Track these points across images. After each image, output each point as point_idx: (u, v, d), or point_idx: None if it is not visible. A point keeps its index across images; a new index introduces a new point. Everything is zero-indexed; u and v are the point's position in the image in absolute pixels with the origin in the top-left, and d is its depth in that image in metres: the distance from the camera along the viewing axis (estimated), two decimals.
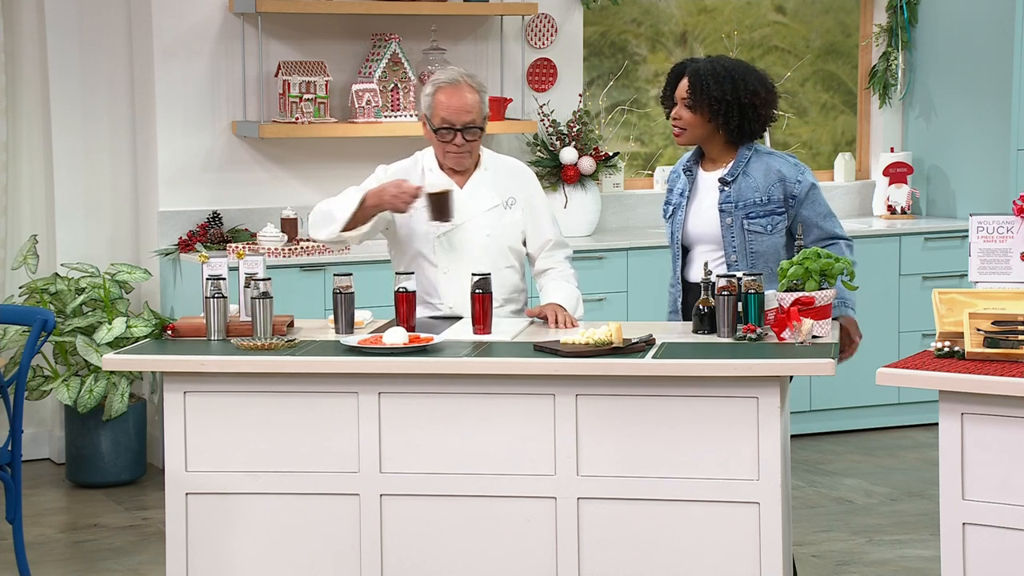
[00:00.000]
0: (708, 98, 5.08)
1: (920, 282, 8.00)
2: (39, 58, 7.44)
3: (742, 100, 5.09)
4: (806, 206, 5.10)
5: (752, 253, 5.08)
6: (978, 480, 4.13)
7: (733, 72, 5.11)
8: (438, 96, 5.09)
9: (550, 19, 7.91)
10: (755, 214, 5.09)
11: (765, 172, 5.10)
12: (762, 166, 5.11)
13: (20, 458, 5.45)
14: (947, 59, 8.38)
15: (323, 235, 5.11)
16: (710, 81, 5.09)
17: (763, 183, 5.09)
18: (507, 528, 4.55)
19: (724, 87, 5.08)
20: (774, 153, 5.17)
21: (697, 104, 5.10)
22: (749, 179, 5.11)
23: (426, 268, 5.17)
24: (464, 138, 5.09)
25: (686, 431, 4.46)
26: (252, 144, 7.45)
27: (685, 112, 5.12)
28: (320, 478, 4.61)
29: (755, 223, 5.09)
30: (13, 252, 7.39)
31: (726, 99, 5.08)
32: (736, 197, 5.10)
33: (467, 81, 5.11)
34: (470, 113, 5.07)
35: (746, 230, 5.09)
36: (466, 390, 4.54)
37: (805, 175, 5.12)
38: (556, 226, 5.30)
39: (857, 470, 7.33)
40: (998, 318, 4.23)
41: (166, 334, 4.91)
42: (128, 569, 6.03)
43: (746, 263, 5.08)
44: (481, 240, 5.15)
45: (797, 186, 5.09)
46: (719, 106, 5.08)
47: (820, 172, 8.75)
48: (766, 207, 5.09)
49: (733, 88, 5.08)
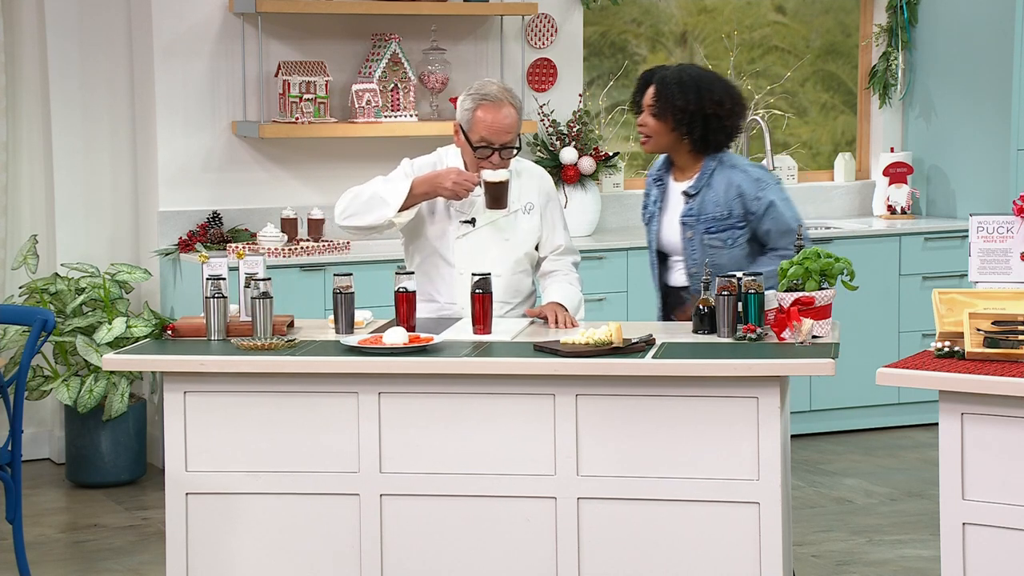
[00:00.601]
0: (672, 107, 5.07)
1: (920, 282, 8.00)
2: (39, 58, 7.44)
3: (706, 110, 5.08)
4: (765, 222, 5.11)
5: (713, 265, 5.10)
6: (978, 480, 4.13)
7: (699, 82, 5.10)
8: (479, 112, 5.08)
9: (550, 19, 7.91)
10: (715, 228, 5.10)
11: (726, 186, 5.10)
12: (724, 180, 5.11)
13: (20, 458, 5.45)
14: (947, 59, 8.38)
15: (368, 220, 5.09)
16: (675, 90, 5.07)
17: (724, 198, 5.10)
18: (507, 528, 4.55)
19: (688, 96, 5.07)
20: (737, 166, 5.14)
21: (662, 112, 5.09)
22: (711, 192, 5.11)
23: (441, 267, 5.18)
24: (500, 157, 5.10)
25: (686, 431, 4.46)
26: (252, 144, 7.45)
27: (651, 120, 5.12)
28: (320, 478, 4.61)
29: (714, 237, 5.10)
30: (13, 252, 7.39)
31: (690, 109, 5.07)
32: (698, 210, 5.11)
33: (508, 99, 5.10)
34: (509, 133, 5.08)
35: (705, 244, 5.10)
36: (466, 390, 4.54)
37: (765, 191, 5.09)
38: (568, 232, 5.33)
39: (857, 470, 7.33)
40: (998, 318, 4.23)
41: (166, 334, 4.91)
42: (128, 569, 6.03)
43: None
44: (500, 244, 5.17)
45: (755, 203, 5.09)
46: (683, 116, 5.07)
47: (820, 172, 8.76)
48: (726, 221, 5.09)
49: (698, 98, 5.07)
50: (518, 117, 5.12)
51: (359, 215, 5.11)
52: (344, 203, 5.14)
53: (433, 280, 5.18)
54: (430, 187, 5.05)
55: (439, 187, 5.03)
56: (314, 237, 7.22)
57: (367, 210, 5.09)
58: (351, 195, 5.14)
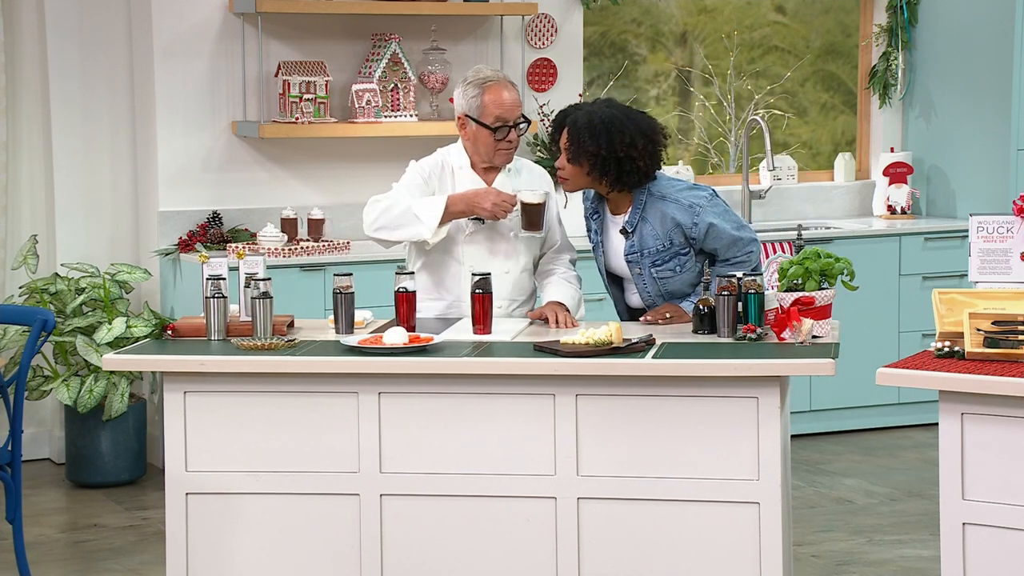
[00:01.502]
0: (585, 152, 5.02)
1: (920, 282, 8.00)
2: (39, 58, 7.44)
3: (619, 154, 5.01)
4: (708, 242, 5.08)
5: (667, 293, 5.11)
6: (978, 480, 4.13)
7: (610, 125, 5.01)
8: (487, 96, 5.10)
9: (550, 19, 7.91)
10: (661, 260, 5.09)
11: (661, 219, 5.07)
12: (658, 212, 5.08)
13: (20, 458, 5.45)
14: (947, 59, 8.38)
15: (400, 235, 5.07)
16: (585, 135, 5.01)
17: (661, 230, 5.07)
18: (507, 528, 4.55)
19: (599, 141, 5.00)
20: (667, 197, 5.07)
21: (575, 157, 5.05)
22: (648, 226, 5.09)
23: (450, 265, 5.18)
24: (517, 133, 5.15)
25: (686, 431, 4.46)
26: (252, 144, 7.45)
27: (566, 164, 5.08)
28: (320, 478, 4.61)
29: (663, 268, 5.10)
30: (13, 252, 7.39)
31: (602, 154, 5.00)
32: (640, 246, 5.10)
33: (506, 79, 5.17)
34: (519, 107, 5.15)
35: (656, 277, 5.10)
36: (466, 390, 4.54)
37: (701, 216, 5.04)
38: (563, 229, 5.33)
39: (857, 470, 7.33)
40: (998, 318, 4.23)
41: (166, 334, 4.91)
42: (128, 569, 6.03)
43: (663, 300, 5.11)
44: (507, 241, 5.17)
45: (694, 229, 5.06)
46: (595, 160, 5.02)
47: (820, 172, 8.76)
48: (669, 251, 5.09)
49: (608, 143, 4.99)
50: (519, 94, 5.20)
51: (390, 229, 5.07)
52: (374, 214, 5.08)
53: (442, 278, 5.18)
54: (467, 206, 5.04)
55: (477, 207, 5.03)
56: (314, 237, 7.22)
57: (399, 224, 5.06)
58: (380, 207, 5.08)
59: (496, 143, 5.12)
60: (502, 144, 5.13)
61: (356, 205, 7.47)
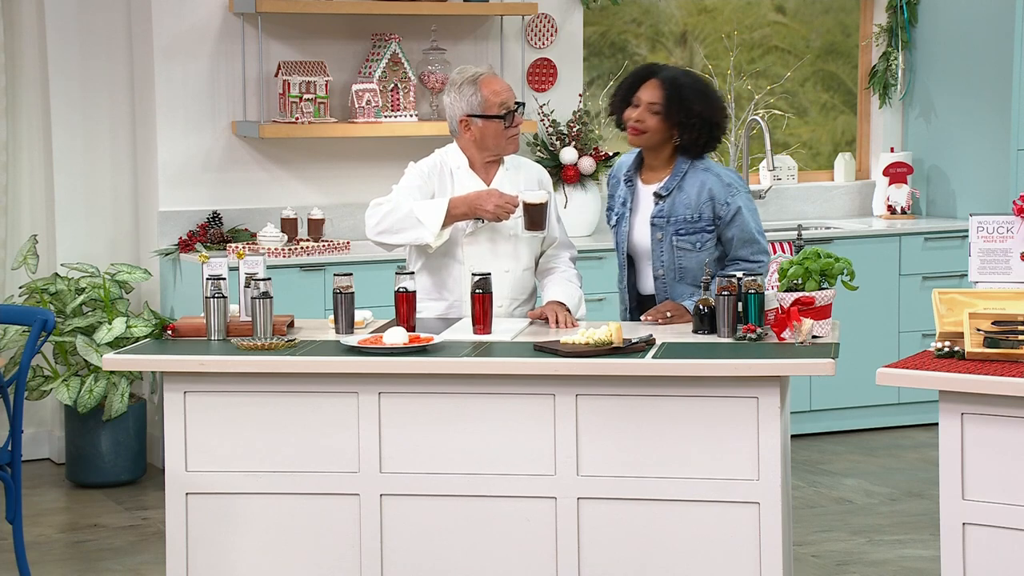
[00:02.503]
0: (684, 111, 5.08)
1: (920, 282, 8.00)
2: (39, 58, 7.44)
3: (714, 119, 5.11)
4: (731, 228, 5.12)
5: (680, 268, 5.12)
6: (978, 480, 4.13)
7: (707, 90, 5.15)
8: (485, 90, 5.12)
9: (550, 19, 7.91)
10: (685, 231, 5.11)
11: (699, 189, 5.11)
12: (696, 182, 5.13)
13: (20, 458, 5.45)
14: (947, 59, 8.38)
15: (403, 239, 5.07)
16: (690, 95, 5.09)
17: (695, 200, 5.11)
18: (507, 528, 4.55)
19: (703, 103, 5.10)
20: (711, 168, 5.15)
21: (669, 114, 5.09)
22: (683, 194, 5.12)
23: (451, 266, 5.18)
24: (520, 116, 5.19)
25: (686, 431, 4.46)
26: (252, 144, 7.45)
27: (651, 118, 5.11)
28: (320, 478, 4.61)
29: (684, 240, 5.11)
30: (13, 252, 7.39)
31: (704, 115, 5.09)
32: (668, 212, 5.13)
33: (491, 68, 5.25)
34: (512, 91, 5.20)
35: (675, 246, 5.11)
36: (466, 390, 4.54)
37: (735, 197, 5.11)
38: (562, 226, 5.33)
39: (857, 470, 7.33)
40: (998, 318, 4.23)
41: (166, 334, 4.91)
42: (128, 569, 6.03)
43: (673, 276, 5.11)
44: (508, 240, 5.17)
45: (724, 207, 5.10)
46: (693, 120, 5.09)
47: (820, 172, 8.76)
48: (696, 224, 5.11)
49: (709, 106, 5.11)
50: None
51: (392, 233, 5.07)
52: (376, 218, 5.08)
53: (442, 279, 5.18)
54: (469, 209, 5.04)
55: (479, 209, 5.03)
56: (314, 237, 7.22)
57: (401, 228, 5.05)
58: (382, 211, 5.07)
59: (506, 131, 5.14)
60: (511, 130, 5.15)
61: (356, 205, 7.48)
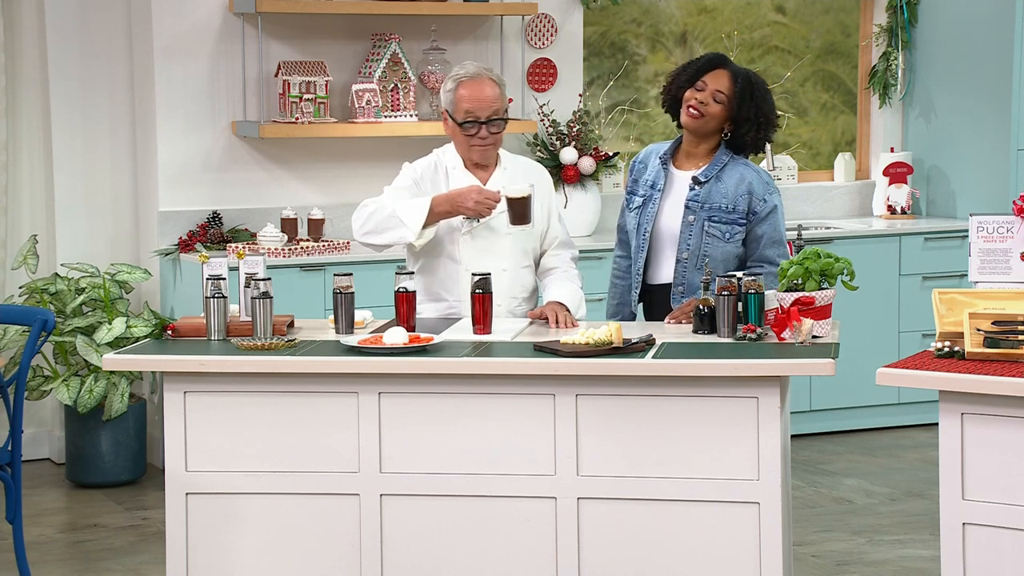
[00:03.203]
0: (751, 107, 5.17)
1: (920, 282, 8.00)
2: (39, 58, 7.44)
3: (770, 121, 5.21)
4: (763, 225, 5.15)
5: (704, 255, 5.12)
6: (978, 480, 4.13)
7: (768, 93, 5.24)
8: (460, 91, 5.09)
9: (550, 19, 7.91)
10: (717, 219, 5.13)
11: (737, 181, 5.15)
12: (736, 174, 5.17)
13: (20, 458, 5.45)
14: (947, 59, 8.38)
15: (387, 239, 5.07)
16: (759, 94, 5.19)
17: (732, 191, 5.15)
18: (507, 528, 4.55)
19: (769, 105, 5.21)
20: (749, 164, 5.23)
21: (735, 107, 5.17)
22: (720, 184, 5.16)
23: (448, 265, 5.17)
24: (489, 131, 5.10)
25: (686, 431, 4.46)
26: (252, 144, 7.45)
27: (716, 106, 5.16)
28: (320, 478, 4.61)
29: (715, 227, 5.13)
30: (13, 252, 7.39)
31: (765, 114, 5.19)
32: (704, 198, 5.15)
33: (487, 75, 5.13)
34: (494, 104, 5.09)
35: (705, 231, 5.12)
36: (466, 390, 4.54)
37: (772, 196, 5.18)
38: (563, 225, 5.32)
39: (857, 470, 7.33)
40: (998, 318, 4.23)
41: (166, 334, 4.91)
42: (128, 569, 6.03)
43: (695, 263, 5.11)
44: (505, 239, 5.16)
45: (761, 204, 5.15)
46: (755, 117, 5.18)
47: (820, 172, 8.76)
48: (730, 215, 5.13)
49: (771, 108, 5.22)
50: (501, 92, 5.12)
51: (377, 233, 5.07)
52: (362, 219, 5.09)
53: (441, 279, 5.17)
54: (451, 206, 5.02)
55: (460, 206, 5.01)
56: (314, 237, 7.22)
57: (384, 228, 5.05)
58: (367, 212, 5.08)
59: (467, 139, 5.12)
60: (473, 140, 5.11)
61: (356, 205, 7.44)
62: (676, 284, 5.18)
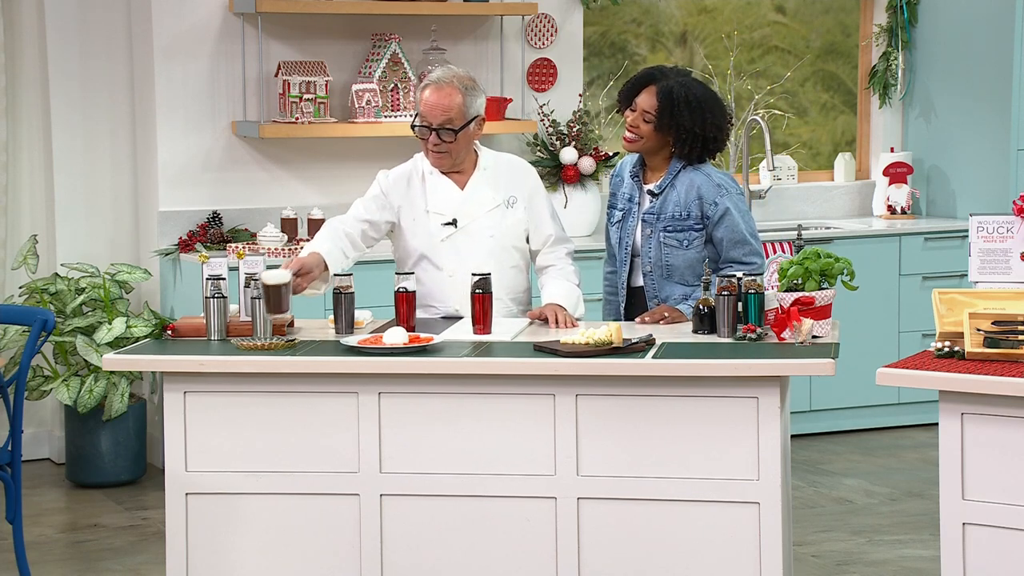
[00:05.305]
0: (675, 124, 5.11)
1: (920, 282, 8.00)
2: (39, 58, 7.44)
3: (707, 134, 5.13)
4: (719, 228, 5.14)
5: (668, 265, 5.13)
6: (978, 480, 4.13)
7: (703, 104, 5.13)
8: (422, 93, 5.09)
9: (550, 19, 7.91)
10: (672, 228, 5.14)
11: (688, 188, 5.15)
12: (686, 181, 5.16)
13: (20, 458, 5.45)
14: (947, 59, 8.38)
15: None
16: (683, 109, 5.11)
17: (684, 199, 5.14)
18: (507, 528, 4.55)
19: (694, 117, 5.11)
20: (701, 169, 5.17)
21: (663, 126, 5.13)
22: (674, 192, 5.16)
23: (431, 271, 5.15)
24: (439, 138, 5.06)
25: (686, 431, 4.46)
26: (252, 144, 7.45)
27: (645, 126, 5.14)
28: (320, 478, 4.61)
29: (671, 236, 5.13)
30: (13, 252, 7.39)
31: (694, 130, 5.12)
32: (659, 209, 5.16)
33: (455, 82, 5.06)
34: (447, 113, 5.03)
35: (662, 243, 5.12)
36: (466, 390, 4.54)
37: (722, 198, 5.13)
38: (557, 221, 5.29)
39: (857, 470, 7.33)
40: (998, 318, 4.23)
41: (166, 334, 4.91)
42: (128, 569, 6.03)
43: (661, 274, 5.12)
44: (485, 241, 5.14)
45: (712, 207, 5.13)
46: (684, 134, 5.12)
47: (820, 172, 8.76)
48: (684, 222, 5.13)
49: (702, 121, 5.12)
50: (461, 100, 5.03)
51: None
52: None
53: (428, 287, 5.14)
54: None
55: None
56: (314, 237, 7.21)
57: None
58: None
59: (422, 143, 5.11)
60: (425, 146, 5.10)
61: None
62: (650, 298, 5.19)
